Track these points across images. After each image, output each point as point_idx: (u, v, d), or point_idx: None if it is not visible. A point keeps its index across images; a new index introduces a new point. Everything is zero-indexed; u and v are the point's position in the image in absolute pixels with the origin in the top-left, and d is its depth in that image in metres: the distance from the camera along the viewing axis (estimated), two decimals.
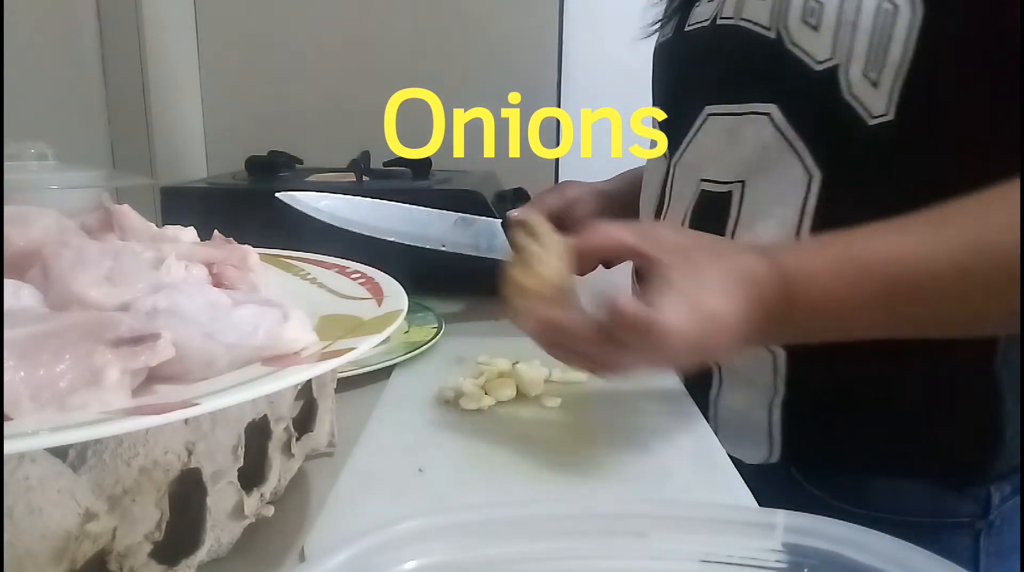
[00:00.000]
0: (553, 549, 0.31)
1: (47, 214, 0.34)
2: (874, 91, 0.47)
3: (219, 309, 0.29)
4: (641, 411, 0.49)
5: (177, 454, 0.27)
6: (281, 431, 0.34)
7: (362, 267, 0.41)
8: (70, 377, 0.23)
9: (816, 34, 0.48)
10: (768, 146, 0.51)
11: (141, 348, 0.24)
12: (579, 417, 0.48)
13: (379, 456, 0.42)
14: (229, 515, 0.30)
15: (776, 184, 0.52)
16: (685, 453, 0.43)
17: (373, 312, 0.34)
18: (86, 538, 0.24)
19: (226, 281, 0.35)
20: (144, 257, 0.33)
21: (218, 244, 0.38)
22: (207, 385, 0.26)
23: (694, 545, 0.26)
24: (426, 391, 0.51)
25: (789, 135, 0.51)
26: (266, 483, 0.33)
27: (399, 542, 0.25)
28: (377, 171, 0.96)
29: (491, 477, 0.40)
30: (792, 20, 0.49)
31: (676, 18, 0.61)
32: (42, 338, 0.24)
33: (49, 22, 0.99)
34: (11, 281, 0.29)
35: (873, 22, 0.46)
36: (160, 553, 0.26)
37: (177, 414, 0.21)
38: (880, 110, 0.47)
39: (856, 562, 0.24)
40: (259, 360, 0.28)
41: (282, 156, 1.04)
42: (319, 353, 0.28)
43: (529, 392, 0.49)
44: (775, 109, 0.51)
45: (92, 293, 0.28)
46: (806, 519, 0.26)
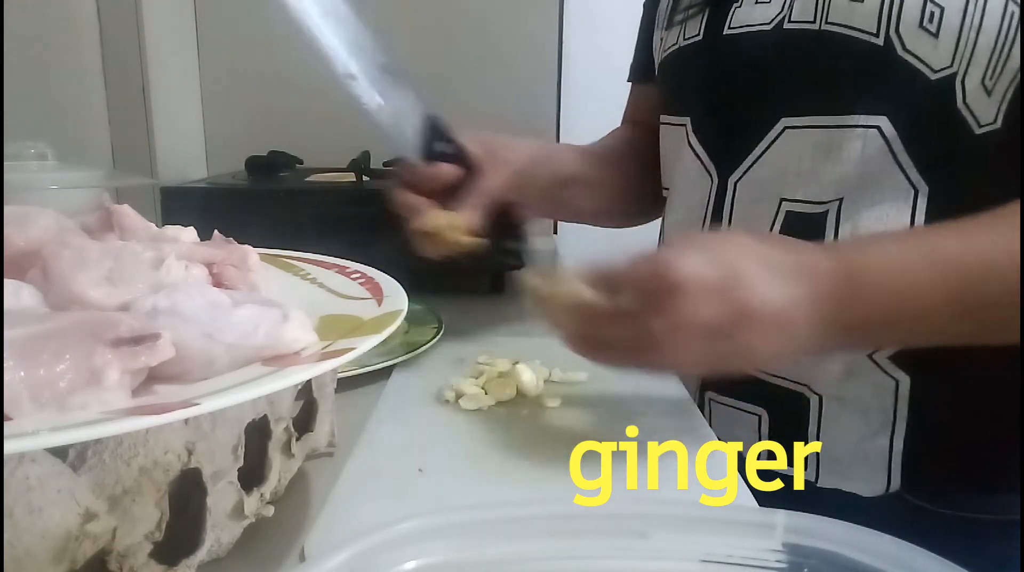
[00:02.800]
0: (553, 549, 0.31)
1: (47, 214, 0.34)
2: (987, 99, 0.45)
3: (219, 309, 0.29)
4: (641, 411, 0.49)
5: (177, 454, 0.27)
6: (281, 431, 0.34)
7: (362, 267, 0.41)
8: (70, 377, 0.23)
9: (935, 40, 0.45)
10: (872, 160, 0.48)
11: (141, 348, 0.24)
12: (579, 417, 0.48)
13: (379, 456, 0.42)
14: (229, 515, 0.30)
15: (878, 200, 0.48)
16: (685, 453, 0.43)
17: (373, 312, 0.34)
18: (86, 538, 0.24)
19: (226, 281, 0.35)
20: (144, 257, 0.33)
21: (218, 244, 0.38)
22: (207, 385, 0.26)
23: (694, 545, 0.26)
24: (426, 391, 0.51)
25: (897, 149, 0.47)
26: (266, 483, 0.33)
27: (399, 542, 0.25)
28: (377, 171, 0.96)
29: (491, 477, 0.40)
30: (907, 26, 0.46)
31: (700, 21, 0.57)
32: (42, 338, 0.24)
33: (49, 22, 0.99)
34: (11, 281, 0.29)
35: (999, 27, 0.44)
36: (160, 553, 0.26)
37: (177, 414, 0.21)
38: (989, 118, 0.46)
39: (856, 562, 0.24)
40: (259, 360, 0.28)
41: (282, 156, 1.04)
42: (319, 353, 0.28)
43: (529, 392, 0.49)
44: (885, 121, 0.47)
45: (92, 293, 0.28)
46: (806, 519, 0.26)
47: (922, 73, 0.46)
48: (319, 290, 0.39)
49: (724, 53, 0.55)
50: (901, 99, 0.47)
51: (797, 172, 0.51)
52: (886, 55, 0.46)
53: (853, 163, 0.48)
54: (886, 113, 0.47)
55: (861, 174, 0.48)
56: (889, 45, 0.46)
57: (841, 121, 0.49)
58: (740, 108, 0.54)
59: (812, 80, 0.50)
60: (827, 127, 0.49)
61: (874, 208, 0.49)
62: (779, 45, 0.51)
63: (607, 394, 0.51)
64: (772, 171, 0.52)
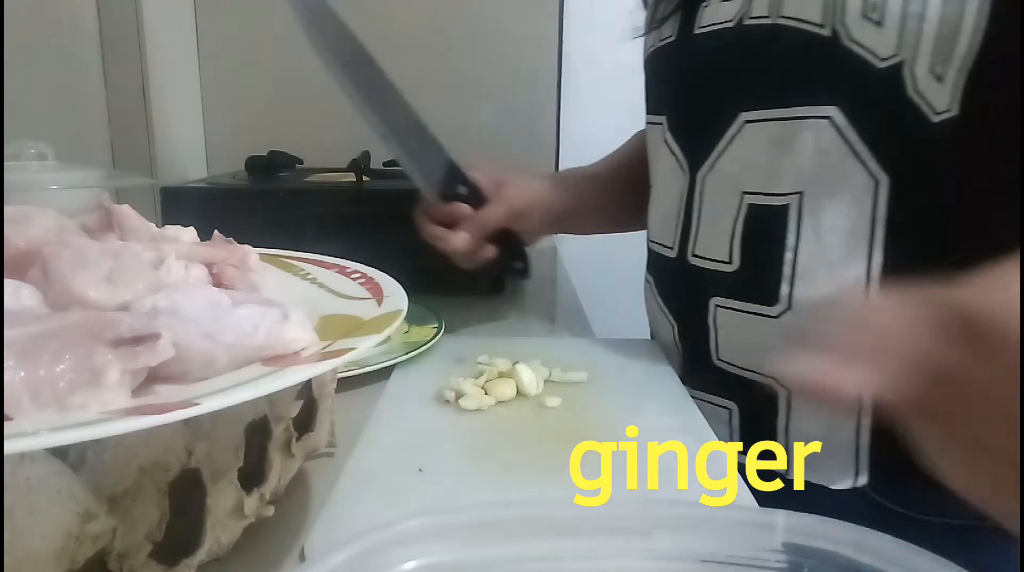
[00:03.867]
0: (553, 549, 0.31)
1: (47, 214, 0.34)
2: (939, 86, 0.45)
3: (219, 309, 0.29)
4: (641, 411, 0.49)
5: (177, 454, 0.27)
6: (281, 431, 0.34)
7: (362, 267, 0.41)
8: (70, 377, 0.23)
9: (879, 29, 0.45)
10: (828, 152, 0.48)
11: (141, 348, 0.24)
12: (579, 417, 0.48)
13: (379, 456, 0.42)
14: (229, 515, 0.30)
15: (839, 193, 0.49)
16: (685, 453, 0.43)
17: (373, 312, 0.34)
18: (86, 538, 0.24)
19: (226, 281, 0.35)
20: (144, 257, 0.33)
21: (218, 244, 0.38)
22: (207, 385, 0.26)
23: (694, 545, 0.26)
24: (426, 391, 0.51)
25: (851, 139, 0.48)
26: (266, 483, 0.33)
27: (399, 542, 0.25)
28: (377, 171, 0.96)
29: (491, 477, 0.40)
30: (851, 16, 0.46)
31: (675, 21, 0.58)
32: (42, 338, 0.24)
33: (49, 22, 0.99)
34: (11, 281, 0.29)
35: (941, 13, 0.44)
36: (160, 553, 0.26)
37: (177, 414, 0.21)
38: (944, 105, 0.45)
39: (856, 562, 0.24)
40: (259, 360, 0.28)
41: (282, 156, 1.04)
42: (319, 353, 0.28)
43: (529, 392, 0.49)
44: (836, 111, 0.48)
45: (92, 293, 0.28)
46: (806, 519, 0.26)
47: (869, 62, 0.46)
48: (319, 290, 0.39)
49: (693, 51, 0.57)
50: (850, 89, 0.47)
51: (756, 165, 0.52)
52: (833, 45, 0.47)
53: (808, 155, 0.49)
54: (836, 103, 0.48)
55: (818, 166, 0.49)
56: (835, 35, 0.47)
57: (794, 113, 0.49)
58: (705, 104, 0.56)
59: (767, 73, 0.51)
60: (782, 119, 0.50)
61: (835, 200, 0.49)
62: (738, 40, 0.52)
63: (607, 394, 0.51)
64: (734, 165, 0.53)
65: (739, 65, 0.53)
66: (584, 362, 0.55)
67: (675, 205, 0.59)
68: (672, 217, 0.59)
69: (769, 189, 0.51)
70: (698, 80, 0.57)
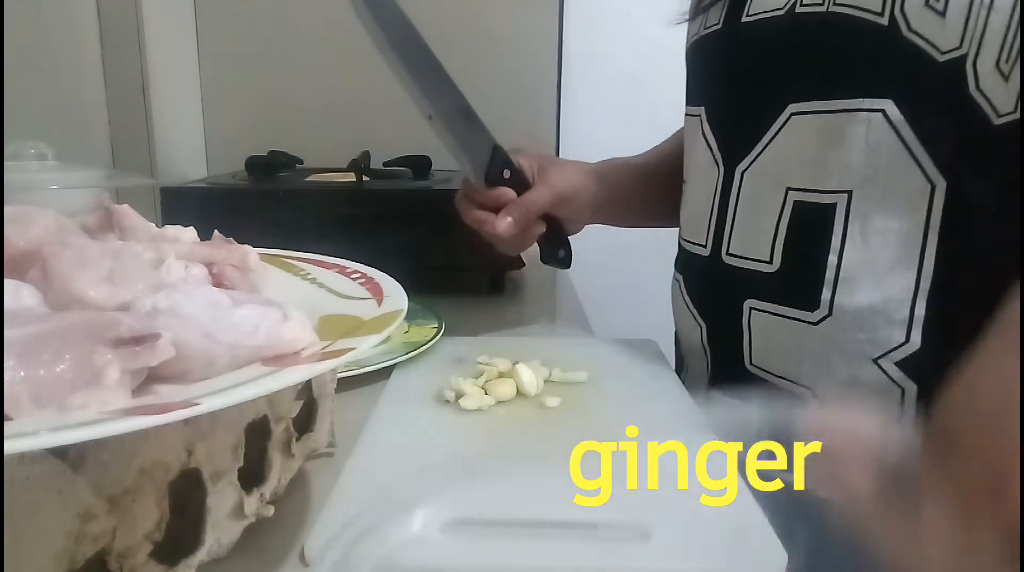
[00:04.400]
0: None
1: (47, 214, 0.34)
2: (1004, 85, 0.42)
3: (219, 309, 0.29)
4: (641, 411, 0.49)
5: (177, 454, 0.27)
6: (281, 431, 0.34)
7: (362, 267, 0.41)
8: (70, 377, 0.23)
9: (942, 20, 0.43)
10: (880, 149, 0.46)
11: (141, 348, 0.24)
12: (579, 417, 0.48)
13: (379, 456, 0.42)
14: (229, 515, 0.30)
15: (891, 195, 0.46)
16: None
17: (373, 312, 0.34)
18: (86, 538, 0.24)
19: (226, 281, 0.35)
20: (144, 257, 0.33)
21: (218, 244, 0.38)
22: (207, 385, 0.26)
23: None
24: (426, 391, 0.51)
25: (907, 136, 0.45)
26: (266, 483, 0.33)
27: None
28: (377, 171, 0.96)
29: (491, 477, 0.40)
30: (912, 5, 0.43)
31: (722, 8, 0.55)
32: (42, 338, 0.24)
33: (49, 22, 0.99)
34: (11, 281, 0.29)
35: (1013, 4, 0.41)
36: (160, 553, 0.26)
37: (177, 414, 0.21)
38: (1008, 107, 0.43)
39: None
40: (259, 360, 0.28)
41: (282, 156, 1.04)
42: (319, 353, 0.28)
43: (529, 392, 0.49)
44: (890, 105, 0.45)
45: (92, 293, 0.28)
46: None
47: (928, 54, 0.44)
48: (319, 290, 0.39)
49: (740, 41, 0.54)
50: (907, 82, 0.45)
51: (803, 160, 0.49)
52: (891, 35, 0.44)
53: (859, 150, 0.46)
54: (891, 96, 0.45)
55: (870, 163, 0.46)
56: (894, 25, 0.44)
57: (845, 105, 0.47)
58: (750, 96, 0.53)
59: (818, 64, 0.49)
60: (832, 112, 0.48)
61: (886, 203, 0.46)
62: (789, 30, 0.50)
63: (607, 394, 0.51)
64: (779, 160, 0.51)
65: (789, 55, 0.50)
66: (584, 362, 0.55)
67: (707, 202, 0.57)
68: (705, 214, 0.57)
69: (815, 186, 0.49)
70: (743, 70, 0.54)
